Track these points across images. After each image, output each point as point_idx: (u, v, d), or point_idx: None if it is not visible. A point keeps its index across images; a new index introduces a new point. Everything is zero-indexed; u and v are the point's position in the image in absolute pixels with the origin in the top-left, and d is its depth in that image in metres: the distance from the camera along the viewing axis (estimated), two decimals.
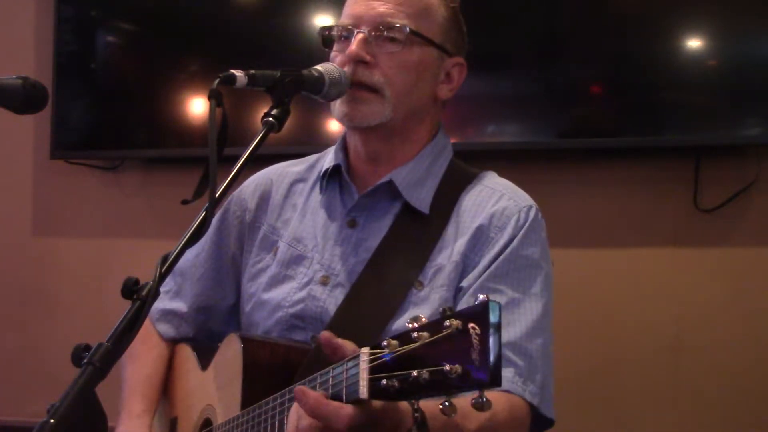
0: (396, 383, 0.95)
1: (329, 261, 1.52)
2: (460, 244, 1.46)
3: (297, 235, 1.57)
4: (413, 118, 1.53)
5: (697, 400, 2.53)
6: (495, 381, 0.88)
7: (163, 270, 1.13)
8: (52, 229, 3.22)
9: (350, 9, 1.52)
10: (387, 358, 0.97)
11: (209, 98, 1.23)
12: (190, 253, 1.62)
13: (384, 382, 0.96)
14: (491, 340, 0.88)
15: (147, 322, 1.57)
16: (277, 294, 1.54)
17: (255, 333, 1.55)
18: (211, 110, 1.22)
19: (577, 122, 2.60)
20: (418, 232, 1.48)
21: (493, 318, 0.89)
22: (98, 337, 1.05)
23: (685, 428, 2.53)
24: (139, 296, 1.09)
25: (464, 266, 1.45)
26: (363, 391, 1.01)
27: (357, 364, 1.03)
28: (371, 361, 1.00)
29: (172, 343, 1.68)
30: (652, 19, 2.51)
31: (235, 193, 1.69)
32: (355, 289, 1.46)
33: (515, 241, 1.45)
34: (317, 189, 1.60)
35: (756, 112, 2.47)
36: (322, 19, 2.83)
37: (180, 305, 1.67)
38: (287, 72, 1.36)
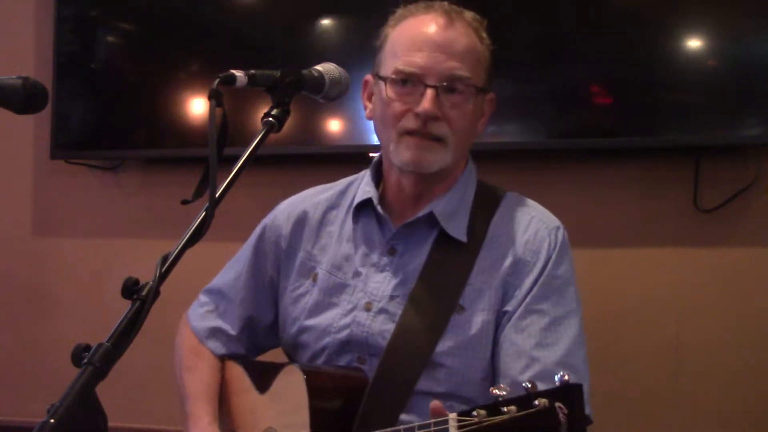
0: None
1: (372, 288, 1.60)
2: (499, 269, 1.55)
3: (335, 263, 1.65)
4: (461, 158, 1.64)
5: (697, 400, 2.53)
6: None
7: (163, 270, 1.13)
8: (52, 229, 3.22)
9: (413, 57, 1.54)
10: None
11: (209, 98, 1.23)
12: (229, 277, 1.81)
13: None
14: (578, 419, 1.02)
15: (195, 340, 1.78)
16: (322, 320, 1.62)
17: (302, 354, 1.66)
18: (211, 110, 1.22)
19: (576, 122, 2.60)
20: (455, 257, 1.57)
21: (578, 399, 1.03)
22: (98, 337, 1.05)
23: (685, 428, 2.53)
24: (139, 296, 1.09)
25: (504, 290, 1.55)
26: None
27: (446, 429, 1.14)
28: (460, 426, 1.12)
29: (222, 359, 1.77)
30: (652, 19, 2.51)
31: (269, 220, 1.79)
32: (403, 316, 1.54)
33: (550, 264, 1.55)
34: (350, 217, 1.68)
35: (756, 112, 2.46)
36: (322, 19, 2.83)
37: (227, 326, 1.77)
38: (287, 72, 1.37)
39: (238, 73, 1.30)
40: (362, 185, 1.68)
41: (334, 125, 2.82)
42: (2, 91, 1.17)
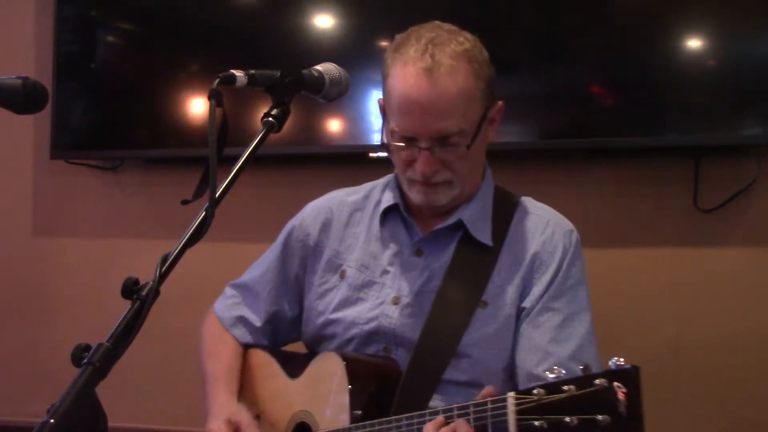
0: (546, 425, 1.17)
1: (399, 285, 1.69)
2: (519, 268, 1.66)
3: (364, 261, 1.74)
4: (476, 175, 1.72)
5: (697, 400, 2.53)
6: (640, 429, 1.10)
7: (163, 270, 1.13)
8: (52, 229, 3.22)
9: (404, 121, 1.59)
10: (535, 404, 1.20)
11: (209, 98, 1.23)
12: (256, 273, 1.89)
13: (536, 423, 1.18)
14: (636, 399, 1.10)
15: (220, 327, 1.86)
16: (350, 313, 1.71)
17: (327, 345, 1.75)
18: (211, 110, 1.22)
19: (577, 122, 2.60)
20: (477, 257, 1.67)
21: (636, 380, 1.11)
22: (98, 337, 1.05)
23: (685, 428, 2.53)
24: (139, 296, 1.09)
25: (523, 287, 1.65)
26: (512, 429, 1.23)
27: (504, 406, 1.25)
28: (518, 404, 1.21)
29: (245, 347, 1.85)
30: (652, 19, 2.51)
31: (297, 221, 1.87)
32: (432, 311, 1.63)
33: (564, 264, 1.66)
34: (376, 219, 1.77)
35: (756, 112, 2.46)
36: (322, 19, 2.83)
37: (252, 317, 1.85)
38: (287, 72, 1.36)
39: (238, 73, 1.30)
40: (387, 190, 1.77)
41: (334, 125, 2.82)
42: (2, 91, 1.17)
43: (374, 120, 2.76)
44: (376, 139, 2.77)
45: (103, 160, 3.11)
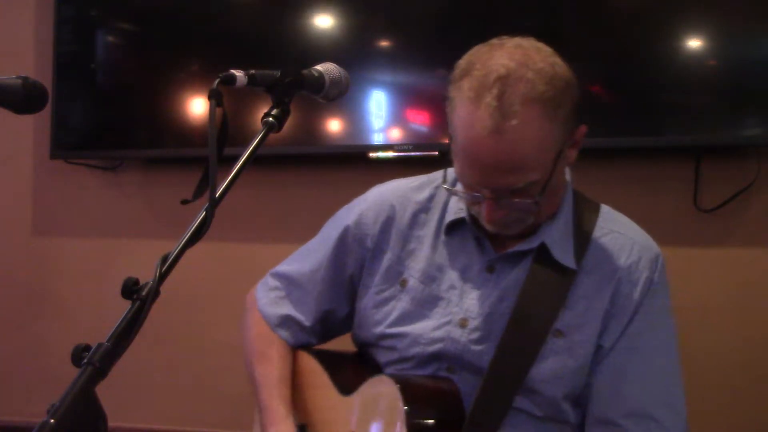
0: None
1: (467, 304, 1.57)
2: (600, 300, 1.52)
3: (428, 273, 1.61)
4: (554, 201, 1.57)
5: (696, 400, 2.52)
6: None
7: (163, 270, 1.13)
8: (52, 229, 3.22)
9: (467, 172, 1.44)
10: None
11: (209, 98, 1.22)
12: (304, 267, 1.75)
13: None
14: None
15: (266, 327, 1.73)
16: (412, 330, 1.59)
17: (384, 355, 1.63)
18: (211, 110, 1.22)
19: None
20: (554, 278, 1.52)
21: None
22: (98, 337, 1.05)
23: None
24: (139, 296, 1.09)
25: (603, 322, 1.51)
26: None
27: None
28: None
29: (292, 348, 1.75)
30: (652, 19, 2.51)
31: (354, 214, 1.71)
32: (504, 337, 1.51)
33: (647, 297, 1.54)
34: (443, 227, 1.62)
35: (756, 112, 2.46)
36: (322, 19, 2.83)
37: (300, 316, 1.74)
38: (287, 72, 1.36)
39: (238, 73, 1.30)
40: (454, 199, 1.62)
41: (334, 125, 2.82)
42: (2, 91, 1.17)
43: (374, 120, 2.76)
44: (377, 139, 2.77)
45: (102, 160, 3.11)
